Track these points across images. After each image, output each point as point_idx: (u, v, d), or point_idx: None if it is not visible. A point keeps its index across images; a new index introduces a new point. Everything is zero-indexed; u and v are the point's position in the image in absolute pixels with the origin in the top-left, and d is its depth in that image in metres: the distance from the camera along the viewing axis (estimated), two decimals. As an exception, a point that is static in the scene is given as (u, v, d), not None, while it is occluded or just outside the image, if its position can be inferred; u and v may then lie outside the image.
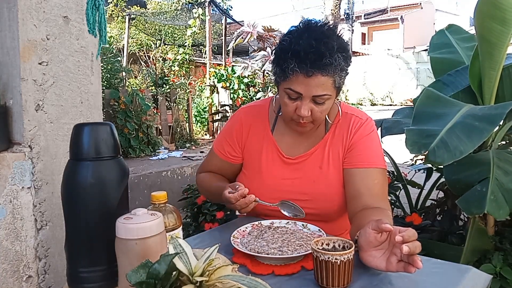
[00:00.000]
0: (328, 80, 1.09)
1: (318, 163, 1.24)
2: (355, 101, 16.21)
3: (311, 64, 1.06)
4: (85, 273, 0.83)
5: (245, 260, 0.97)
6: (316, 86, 1.09)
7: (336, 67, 1.08)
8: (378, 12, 28.70)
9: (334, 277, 0.83)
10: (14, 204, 1.26)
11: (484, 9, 1.72)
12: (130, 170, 3.35)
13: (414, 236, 0.82)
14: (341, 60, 1.09)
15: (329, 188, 1.22)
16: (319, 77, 1.08)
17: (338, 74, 1.11)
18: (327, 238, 0.90)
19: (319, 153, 1.25)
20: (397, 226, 0.87)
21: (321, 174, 1.23)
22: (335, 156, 1.24)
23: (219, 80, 6.84)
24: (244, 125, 1.33)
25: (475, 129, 1.45)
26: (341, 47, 1.10)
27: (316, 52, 1.06)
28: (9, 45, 1.29)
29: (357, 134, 1.23)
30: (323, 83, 1.09)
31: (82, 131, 0.84)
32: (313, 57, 1.06)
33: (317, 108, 1.14)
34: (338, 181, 1.22)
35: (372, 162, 1.19)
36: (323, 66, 1.07)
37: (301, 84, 1.10)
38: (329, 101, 1.15)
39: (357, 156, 1.20)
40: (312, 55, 1.06)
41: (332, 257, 0.82)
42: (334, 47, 1.08)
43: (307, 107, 1.13)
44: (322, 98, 1.12)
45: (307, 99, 1.12)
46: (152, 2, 12.03)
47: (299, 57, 1.07)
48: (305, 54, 1.07)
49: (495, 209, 1.46)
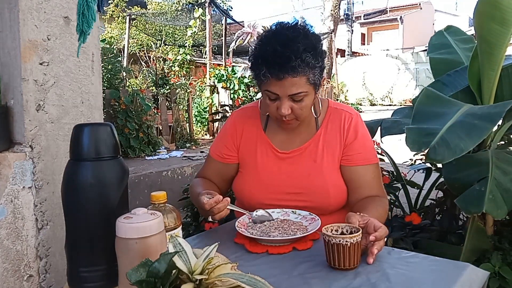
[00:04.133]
0: (300, 79, 1.15)
1: (312, 157, 1.29)
2: (354, 101, 16.21)
3: (280, 68, 1.13)
4: (85, 272, 0.83)
5: (244, 240, 1.10)
6: (290, 86, 1.16)
7: (304, 67, 1.14)
8: (378, 12, 28.69)
9: (345, 258, 0.92)
10: (15, 203, 1.27)
11: (483, 10, 1.72)
12: (130, 170, 3.35)
13: (385, 235, 0.99)
14: (310, 59, 1.15)
15: (323, 181, 1.26)
16: (289, 79, 1.14)
17: (311, 72, 1.16)
18: (335, 224, 0.99)
19: (313, 147, 1.30)
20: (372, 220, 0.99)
21: (315, 168, 1.28)
22: (330, 150, 1.29)
23: (219, 80, 6.85)
24: (237, 127, 1.38)
25: (475, 127, 1.46)
26: (309, 46, 1.15)
27: (282, 56, 1.12)
28: (10, 45, 1.30)
29: (351, 132, 1.29)
30: (296, 83, 1.15)
31: (82, 131, 0.84)
32: (280, 61, 1.13)
33: (297, 106, 1.20)
34: (332, 174, 1.27)
35: (369, 159, 1.29)
36: (292, 68, 1.13)
37: (275, 86, 1.17)
38: (308, 98, 1.20)
39: (357, 155, 1.28)
40: (279, 59, 1.13)
41: (342, 240, 0.91)
42: (299, 48, 1.13)
43: (287, 106, 1.19)
44: (298, 96, 1.18)
45: (284, 98, 1.18)
46: (153, 2, 12.05)
47: (268, 63, 1.14)
48: (273, 59, 1.13)
49: (493, 208, 1.46)
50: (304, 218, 1.19)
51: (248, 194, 1.31)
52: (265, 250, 1.05)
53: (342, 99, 15.74)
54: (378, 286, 0.86)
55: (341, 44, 18.98)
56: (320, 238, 1.05)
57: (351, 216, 1.02)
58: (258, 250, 1.05)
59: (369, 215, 1.04)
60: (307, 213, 1.21)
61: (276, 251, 1.04)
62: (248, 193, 1.31)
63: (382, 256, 1.00)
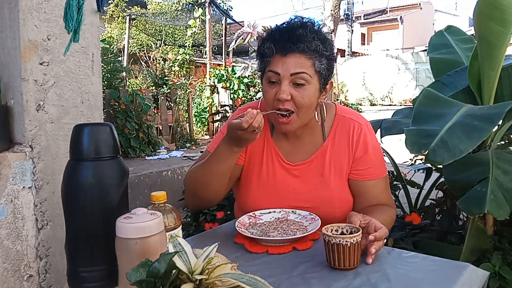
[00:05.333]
0: (305, 60, 1.13)
1: (319, 170, 1.24)
2: (354, 101, 16.21)
3: (287, 41, 1.12)
4: (85, 272, 0.83)
5: (244, 240, 1.09)
6: (294, 64, 1.12)
7: (312, 49, 1.13)
8: (378, 12, 28.70)
9: (345, 258, 0.92)
10: (15, 203, 1.27)
11: (483, 10, 1.72)
12: (130, 170, 3.35)
13: (385, 235, 0.98)
14: (319, 44, 1.14)
15: (330, 195, 1.23)
16: (295, 54, 1.12)
17: (317, 58, 1.14)
18: (335, 224, 0.98)
19: (319, 160, 1.25)
20: (374, 220, 0.99)
21: (322, 182, 1.24)
22: (338, 164, 1.24)
23: (219, 80, 6.84)
24: None
25: (475, 128, 1.45)
26: (319, 34, 1.16)
27: (291, 33, 1.13)
28: (10, 45, 1.29)
29: (360, 145, 1.24)
30: (300, 62, 1.13)
31: (82, 131, 0.84)
32: (287, 36, 1.13)
33: (297, 92, 1.13)
34: (339, 188, 1.24)
35: (379, 174, 1.25)
36: (298, 44, 1.12)
37: (278, 63, 1.14)
38: (310, 87, 1.15)
39: (367, 170, 1.24)
40: (286, 34, 1.13)
41: (342, 240, 0.91)
42: (308, 32, 1.13)
43: (287, 89, 1.13)
44: (301, 78, 1.13)
45: (286, 79, 1.13)
46: (153, 2, 12.04)
47: (274, 39, 1.15)
48: (281, 34, 1.14)
49: (495, 208, 1.46)
50: (304, 218, 1.19)
51: (253, 204, 1.25)
52: (265, 250, 1.05)
53: (342, 99, 15.74)
54: (378, 286, 0.86)
55: (341, 44, 18.98)
56: (320, 238, 1.05)
57: (353, 215, 1.01)
58: (258, 250, 1.05)
59: (373, 217, 1.02)
60: (307, 213, 1.20)
61: (276, 251, 1.04)
62: (251, 203, 1.26)
63: (382, 256, 1.00)
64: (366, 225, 0.99)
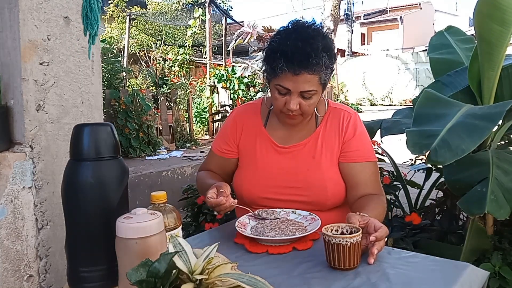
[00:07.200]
0: (314, 77, 1.19)
1: (311, 153, 1.32)
2: (354, 101, 16.22)
3: (298, 64, 1.16)
4: (85, 272, 0.83)
5: (244, 240, 1.10)
6: (303, 83, 1.19)
7: (321, 66, 1.18)
8: (378, 12, 28.69)
9: (345, 258, 0.92)
10: (15, 203, 1.27)
11: (483, 10, 1.72)
12: (130, 170, 3.36)
13: (385, 235, 0.99)
14: (326, 59, 1.19)
15: (321, 176, 1.29)
16: (305, 75, 1.18)
17: (324, 72, 1.21)
18: (335, 224, 0.99)
19: (312, 144, 1.33)
20: (373, 220, 1.00)
21: (314, 163, 1.30)
22: (329, 147, 1.32)
23: (219, 80, 6.85)
24: (237, 123, 1.41)
25: (476, 127, 1.46)
26: (326, 46, 1.20)
27: (302, 52, 1.16)
28: (10, 45, 1.29)
29: (349, 129, 1.32)
30: (309, 80, 1.19)
31: (82, 131, 0.84)
32: (300, 58, 1.16)
33: (305, 102, 1.23)
34: (330, 170, 1.30)
35: (367, 157, 1.32)
36: (310, 66, 1.16)
37: (290, 81, 1.19)
38: (316, 96, 1.24)
39: (355, 152, 1.31)
40: (298, 55, 1.16)
41: (342, 240, 0.91)
42: (319, 47, 1.17)
43: (296, 101, 1.22)
44: (309, 94, 1.21)
45: (295, 94, 1.21)
46: (153, 2, 12.03)
47: (287, 57, 1.17)
48: (292, 54, 1.16)
49: (495, 208, 1.46)
50: (304, 218, 1.20)
51: (247, 188, 1.33)
52: (265, 250, 1.05)
53: (342, 99, 15.74)
54: (378, 286, 0.86)
55: (341, 44, 18.99)
56: (320, 238, 1.05)
57: (352, 216, 1.02)
58: (258, 250, 1.06)
59: (369, 214, 1.05)
60: (307, 213, 1.21)
61: (276, 251, 1.05)
62: (246, 187, 1.33)
63: (382, 256, 1.00)
64: (365, 225, 1.00)
